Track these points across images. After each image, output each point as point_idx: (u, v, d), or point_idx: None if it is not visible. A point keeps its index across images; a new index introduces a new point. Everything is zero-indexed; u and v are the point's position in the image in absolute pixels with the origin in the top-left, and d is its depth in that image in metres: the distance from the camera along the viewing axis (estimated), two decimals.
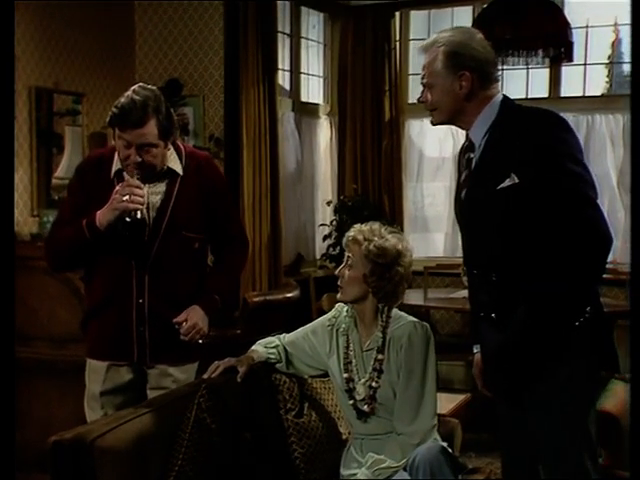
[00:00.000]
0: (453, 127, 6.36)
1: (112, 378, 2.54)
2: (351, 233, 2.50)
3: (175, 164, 2.53)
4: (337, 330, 2.56)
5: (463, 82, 2.09)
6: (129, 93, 2.39)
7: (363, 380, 2.47)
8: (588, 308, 2.04)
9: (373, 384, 2.44)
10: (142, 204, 2.38)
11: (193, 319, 2.48)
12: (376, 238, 2.44)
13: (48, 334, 3.57)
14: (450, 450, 2.43)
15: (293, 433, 2.48)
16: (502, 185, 2.01)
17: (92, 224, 2.41)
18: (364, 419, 2.47)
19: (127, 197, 2.35)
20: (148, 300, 2.47)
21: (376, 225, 2.49)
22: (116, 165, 2.51)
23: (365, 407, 2.45)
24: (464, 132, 2.22)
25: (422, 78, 2.17)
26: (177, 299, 2.51)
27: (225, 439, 2.29)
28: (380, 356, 2.45)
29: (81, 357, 3.52)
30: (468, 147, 2.18)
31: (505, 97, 2.16)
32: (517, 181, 1.99)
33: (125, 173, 2.46)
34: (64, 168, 4.50)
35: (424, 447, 2.33)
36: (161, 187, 2.50)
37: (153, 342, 2.50)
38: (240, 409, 2.41)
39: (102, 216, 2.41)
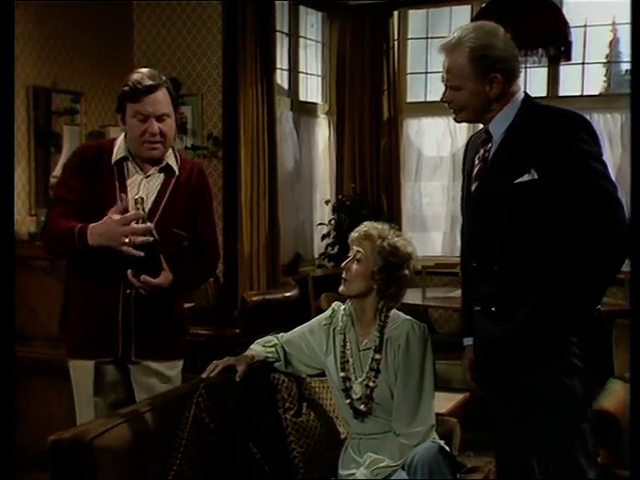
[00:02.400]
0: (451, 127, 6.30)
1: (102, 377, 2.51)
2: (364, 228, 2.50)
3: (173, 163, 2.57)
4: (334, 329, 2.55)
5: (494, 84, 2.09)
6: (133, 74, 2.49)
7: (360, 379, 2.46)
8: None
9: (370, 383, 2.44)
10: (146, 235, 2.32)
11: (159, 280, 2.38)
12: (390, 237, 2.46)
13: (47, 333, 3.57)
14: (448, 449, 2.43)
15: (292, 432, 2.47)
16: (520, 179, 2.02)
17: (83, 237, 2.36)
18: (361, 418, 2.47)
19: (127, 239, 2.29)
20: (136, 291, 2.43)
21: (386, 225, 2.51)
22: (117, 154, 2.52)
23: (362, 406, 2.45)
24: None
25: (446, 80, 2.14)
26: (164, 292, 2.47)
27: (224, 438, 2.29)
28: (377, 356, 2.45)
29: None
30: (486, 140, 2.18)
31: (527, 95, 2.17)
32: (536, 177, 2.00)
33: (125, 206, 2.37)
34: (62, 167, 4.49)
35: (422, 447, 2.33)
36: (157, 181, 2.53)
37: (138, 336, 2.47)
38: (239, 408, 2.41)
39: (96, 237, 2.34)
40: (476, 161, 2.20)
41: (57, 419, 3.39)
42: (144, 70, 2.51)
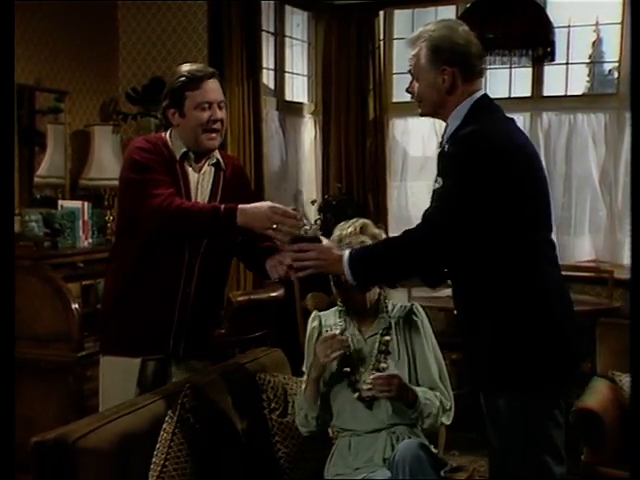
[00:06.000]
0: (437, 126, 6.33)
1: (146, 376, 2.52)
2: (359, 221, 2.60)
3: (220, 158, 2.59)
4: (327, 332, 2.54)
5: (445, 77, 2.12)
6: (181, 67, 2.49)
7: (369, 366, 2.48)
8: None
9: (381, 366, 2.48)
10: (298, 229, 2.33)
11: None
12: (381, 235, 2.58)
13: (32, 334, 3.55)
14: (431, 447, 2.44)
15: (277, 433, 2.48)
16: (435, 187, 2.12)
17: (231, 216, 2.28)
18: (369, 407, 2.45)
19: (275, 226, 2.30)
20: (195, 289, 2.47)
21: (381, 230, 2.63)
22: (178, 151, 2.49)
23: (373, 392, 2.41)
24: None
25: (410, 71, 2.21)
26: (218, 290, 2.56)
27: (209, 439, 2.29)
28: (386, 338, 2.51)
29: (64, 357, 3.51)
30: (442, 141, 2.22)
31: (482, 96, 2.16)
32: (439, 185, 2.08)
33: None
34: (46, 166, 4.46)
35: (404, 444, 2.34)
36: (210, 178, 2.54)
37: (189, 334, 2.50)
38: (224, 409, 2.41)
39: (245, 218, 2.29)
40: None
41: (41, 420, 3.37)
42: (188, 63, 2.54)
